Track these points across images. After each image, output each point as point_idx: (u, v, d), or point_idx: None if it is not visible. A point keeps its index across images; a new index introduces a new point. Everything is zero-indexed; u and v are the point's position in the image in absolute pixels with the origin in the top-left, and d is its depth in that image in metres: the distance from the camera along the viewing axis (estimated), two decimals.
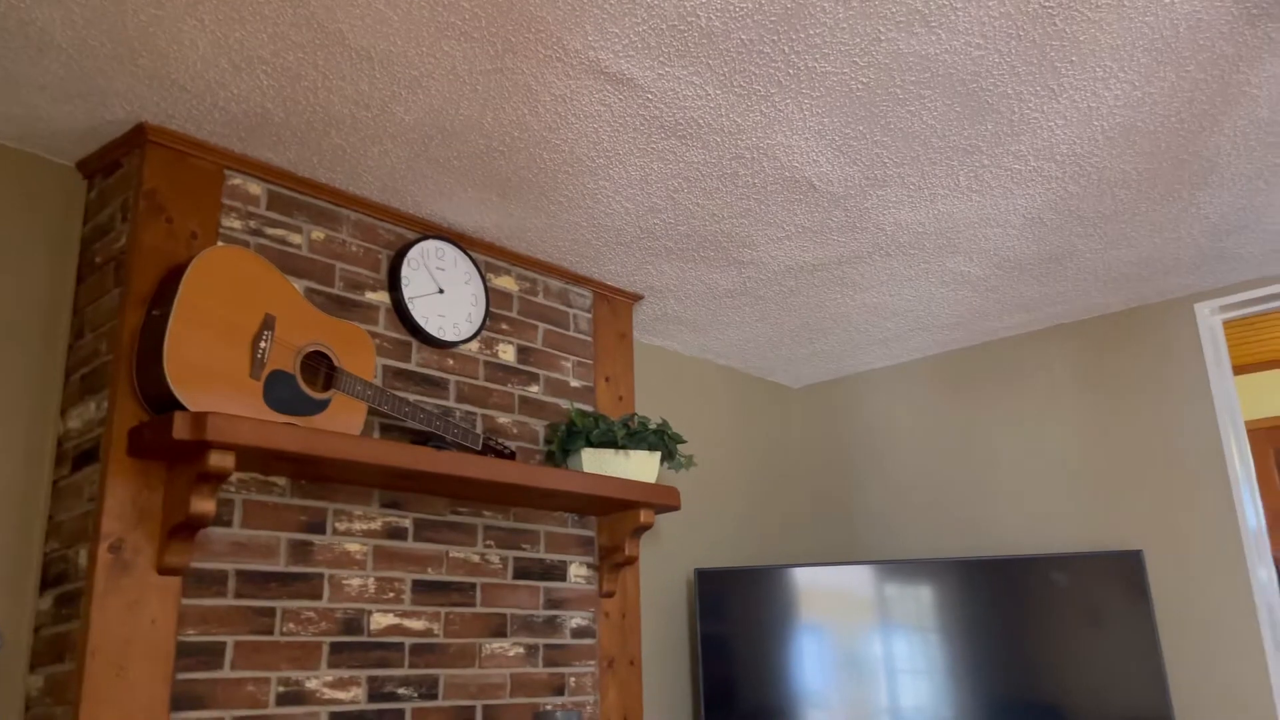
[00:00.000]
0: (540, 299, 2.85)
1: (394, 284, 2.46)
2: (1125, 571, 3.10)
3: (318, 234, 2.37)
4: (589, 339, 2.95)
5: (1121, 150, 2.35)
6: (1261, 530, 3.12)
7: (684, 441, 2.85)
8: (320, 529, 2.21)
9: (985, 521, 3.59)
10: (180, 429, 1.83)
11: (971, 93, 2.09)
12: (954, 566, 3.22)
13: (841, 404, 4.08)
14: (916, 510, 3.78)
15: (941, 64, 1.98)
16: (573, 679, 2.64)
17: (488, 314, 2.67)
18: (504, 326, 2.73)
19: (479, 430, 2.58)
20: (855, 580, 3.25)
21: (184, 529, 1.92)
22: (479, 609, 2.47)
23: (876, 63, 1.97)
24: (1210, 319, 3.26)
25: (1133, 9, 1.84)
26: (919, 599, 3.21)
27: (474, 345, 2.64)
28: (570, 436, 2.67)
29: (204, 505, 1.89)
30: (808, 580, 3.26)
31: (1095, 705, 3.01)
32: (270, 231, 2.28)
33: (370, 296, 2.43)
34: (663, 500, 2.71)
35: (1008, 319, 3.50)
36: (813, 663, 3.18)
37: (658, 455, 2.76)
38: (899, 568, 3.24)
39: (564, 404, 2.83)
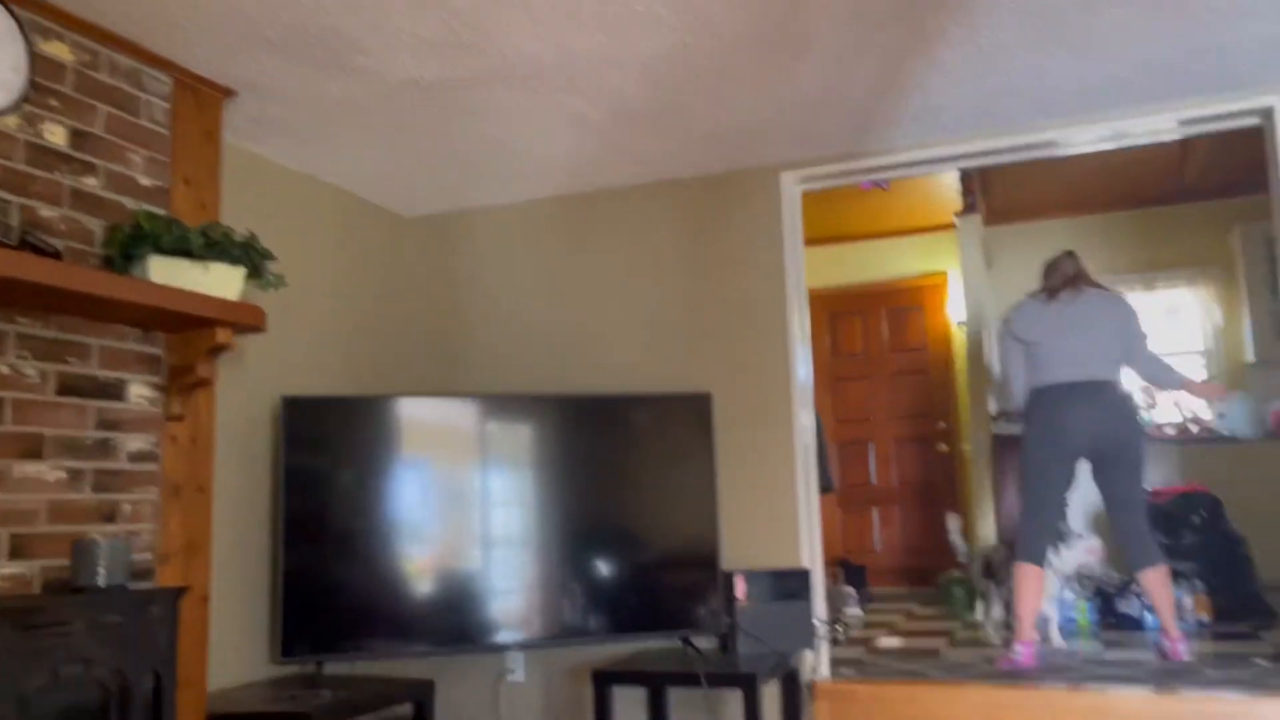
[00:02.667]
0: (104, 76, 2.42)
1: None
2: (695, 412, 3.40)
3: None
4: (166, 132, 2.58)
5: (735, 9, 2.42)
6: (809, 382, 3.56)
7: (274, 259, 2.63)
8: None
9: (583, 362, 3.75)
10: None
11: None
12: (548, 403, 3.33)
13: (455, 237, 4.00)
14: (521, 348, 3.85)
15: None
16: (128, 506, 2.41)
17: (31, 84, 2.22)
18: (53, 103, 2.29)
19: (15, 222, 2.18)
20: (453, 413, 3.26)
21: None
22: (9, 427, 2.14)
23: None
24: (792, 189, 3.57)
25: None
26: (516, 433, 3.30)
27: (12, 121, 2.19)
28: (135, 240, 2.35)
29: None
30: (405, 412, 3.22)
31: (662, 532, 3.32)
32: None
33: None
34: (244, 319, 2.49)
35: (620, 170, 3.58)
36: (408, 494, 3.17)
37: (242, 271, 2.52)
38: (497, 402, 3.30)
39: (130, 203, 2.47)
